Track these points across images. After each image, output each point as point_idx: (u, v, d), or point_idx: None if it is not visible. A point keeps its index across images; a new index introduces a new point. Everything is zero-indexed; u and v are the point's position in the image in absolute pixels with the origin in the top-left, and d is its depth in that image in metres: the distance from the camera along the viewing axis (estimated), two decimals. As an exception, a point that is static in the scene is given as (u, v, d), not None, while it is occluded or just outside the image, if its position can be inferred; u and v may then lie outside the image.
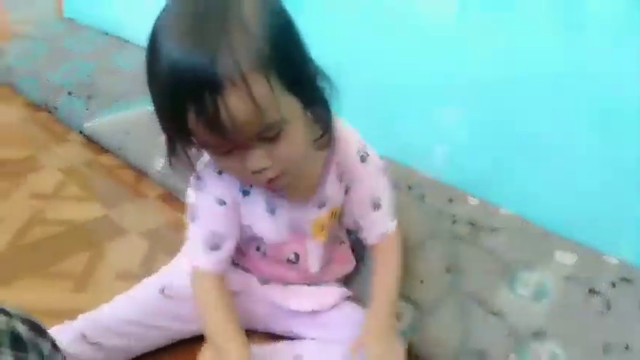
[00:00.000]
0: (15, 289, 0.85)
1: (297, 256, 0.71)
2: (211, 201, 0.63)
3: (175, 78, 0.46)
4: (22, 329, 0.45)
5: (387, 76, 0.99)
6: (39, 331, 0.48)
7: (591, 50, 0.76)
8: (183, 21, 0.48)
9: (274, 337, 0.79)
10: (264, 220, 0.66)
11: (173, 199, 1.12)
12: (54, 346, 0.50)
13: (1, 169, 1.18)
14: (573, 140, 0.80)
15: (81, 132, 1.34)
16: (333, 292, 0.76)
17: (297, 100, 0.52)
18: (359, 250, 0.83)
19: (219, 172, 0.63)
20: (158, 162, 1.14)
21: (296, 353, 0.71)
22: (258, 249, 0.71)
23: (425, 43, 0.93)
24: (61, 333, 0.68)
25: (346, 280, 0.82)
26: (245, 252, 0.73)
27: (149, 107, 1.32)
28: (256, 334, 0.79)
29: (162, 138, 1.13)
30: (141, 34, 1.71)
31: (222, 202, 0.63)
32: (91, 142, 1.32)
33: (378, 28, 0.99)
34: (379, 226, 0.70)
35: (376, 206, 0.69)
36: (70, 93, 1.41)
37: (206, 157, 0.63)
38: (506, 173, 0.85)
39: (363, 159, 0.66)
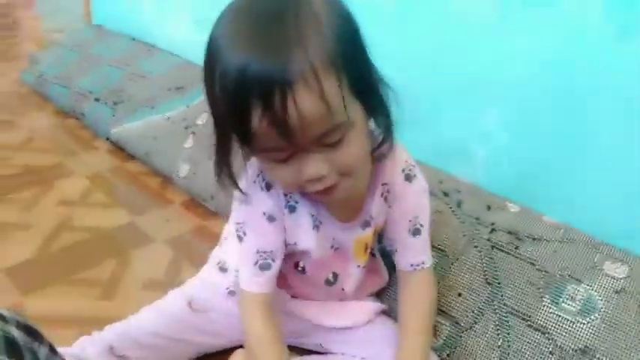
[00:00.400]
0: (43, 295, 0.85)
1: (335, 276, 0.68)
2: (261, 218, 0.60)
3: (243, 75, 0.44)
4: (17, 334, 0.44)
5: (423, 76, 0.96)
6: (35, 335, 0.46)
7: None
8: (252, 20, 0.46)
9: (299, 350, 0.76)
10: (310, 237, 0.62)
11: (198, 206, 1.11)
12: (52, 350, 0.49)
13: (31, 176, 1.20)
14: (622, 144, 0.75)
15: (108, 138, 1.34)
16: (367, 308, 0.73)
17: (360, 106, 0.51)
18: (389, 259, 0.80)
19: (267, 189, 0.60)
20: (183, 168, 1.13)
21: None
22: (296, 267, 0.68)
23: (463, 42, 0.90)
24: (90, 345, 0.67)
25: (379, 293, 0.78)
26: (282, 271, 0.69)
27: (175, 113, 1.32)
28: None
29: (187, 144, 1.14)
30: (169, 39, 1.72)
31: (272, 219, 0.60)
32: (118, 148, 1.32)
33: (414, 26, 0.96)
34: (414, 255, 0.66)
35: (415, 232, 0.65)
36: (97, 99, 1.42)
37: (251, 173, 0.60)
38: (550, 178, 0.80)
39: (407, 178, 0.63)
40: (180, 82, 1.34)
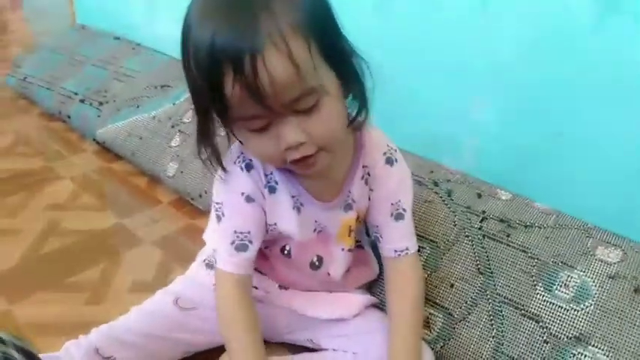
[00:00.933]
0: (31, 302, 0.84)
1: (320, 259, 0.68)
2: (239, 198, 0.61)
3: (213, 43, 0.45)
4: (17, 356, 0.43)
5: (410, 67, 0.95)
6: (32, 358, 0.45)
7: (630, 34, 0.69)
8: None
9: (292, 348, 0.75)
10: (290, 218, 0.63)
11: (186, 205, 1.10)
12: None
13: (18, 181, 1.18)
14: (613, 129, 0.74)
15: (94, 139, 1.32)
16: (356, 301, 0.72)
17: (334, 75, 0.52)
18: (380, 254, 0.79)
19: (248, 169, 0.60)
20: (171, 167, 1.11)
21: None
22: (283, 251, 0.68)
23: (449, 31, 0.88)
24: (75, 348, 0.66)
25: (370, 286, 0.77)
26: (268, 255, 0.70)
27: (160, 111, 1.30)
28: (274, 345, 0.75)
29: (174, 142, 1.13)
30: (153, 37, 1.69)
31: (251, 199, 0.61)
32: (105, 149, 1.31)
33: (398, 16, 0.94)
34: (399, 240, 0.67)
35: (398, 216, 0.66)
36: (82, 101, 1.40)
37: (232, 154, 0.61)
38: (541, 164, 0.79)
39: (389, 161, 0.64)
40: (165, 80, 1.32)
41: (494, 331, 0.69)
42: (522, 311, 0.69)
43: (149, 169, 1.17)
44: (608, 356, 0.63)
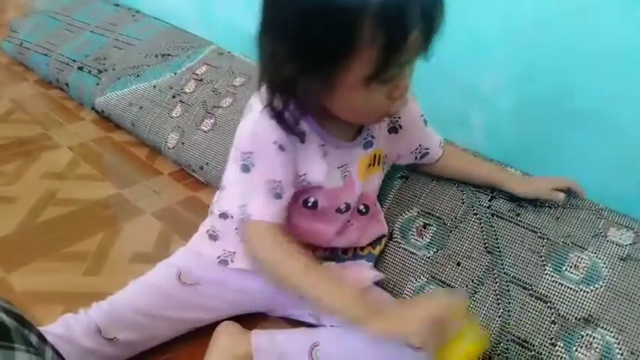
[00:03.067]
0: (27, 271, 0.82)
1: (347, 206, 0.68)
2: (272, 147, 0.59)
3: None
4: (6, 318, 0.41)
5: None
6: (23, 322, 0.43)
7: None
8: None
9: (292, 322, 0.74)
10: (320, 167, 0.63)
11: (187, 177, 1.08)
12: (41, 337, 0.46)
13: (15, 149, 1.15)
14: (626, 107, 0.72)
15: (93, 108, 1.29)
16: (365, 276, 0.71)
17: None
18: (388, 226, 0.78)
19: (278, 119, 0.58)
20: (172, 138, 1.09)
21: (313, 341, 0.65)
22: (306, 203, 0.66)
23: (463, 4, 0.85)
24: (75, 323, 0.64)
25: (377, 262, 0.76)
26: (288, 214, 0.67)
27: (161, 80, 1.26)
28: (273, 319, 0.75)
29: (175, 113, 1.10)
30: (154, 5, 1.63)
31: (283, 149, 0.59)
32: (104, 118, 1.28)
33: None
34: (436, 137, 0.76)
35: (425, 122, 0.74)
36: (80, 68, 1.36)
37: (258, 105, 0.59)
38: (551, 143, 0.77)
39: None
40: (166, 49, 1.28)
41: (501, 310, 0.68)
42: (530, 291, 0.68)
43: (149, 139, 1.15)
44: (617, 338, 0.62)
